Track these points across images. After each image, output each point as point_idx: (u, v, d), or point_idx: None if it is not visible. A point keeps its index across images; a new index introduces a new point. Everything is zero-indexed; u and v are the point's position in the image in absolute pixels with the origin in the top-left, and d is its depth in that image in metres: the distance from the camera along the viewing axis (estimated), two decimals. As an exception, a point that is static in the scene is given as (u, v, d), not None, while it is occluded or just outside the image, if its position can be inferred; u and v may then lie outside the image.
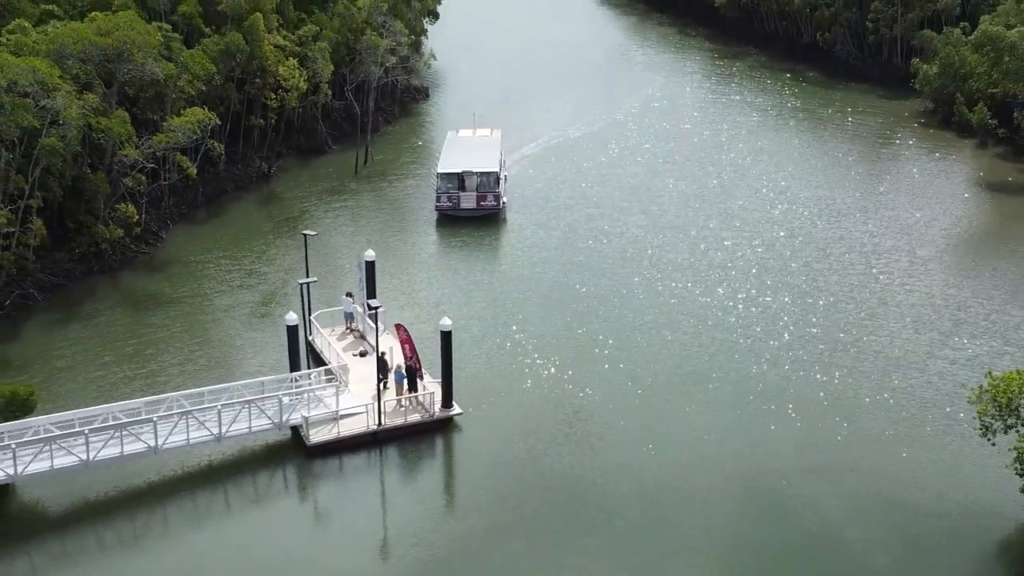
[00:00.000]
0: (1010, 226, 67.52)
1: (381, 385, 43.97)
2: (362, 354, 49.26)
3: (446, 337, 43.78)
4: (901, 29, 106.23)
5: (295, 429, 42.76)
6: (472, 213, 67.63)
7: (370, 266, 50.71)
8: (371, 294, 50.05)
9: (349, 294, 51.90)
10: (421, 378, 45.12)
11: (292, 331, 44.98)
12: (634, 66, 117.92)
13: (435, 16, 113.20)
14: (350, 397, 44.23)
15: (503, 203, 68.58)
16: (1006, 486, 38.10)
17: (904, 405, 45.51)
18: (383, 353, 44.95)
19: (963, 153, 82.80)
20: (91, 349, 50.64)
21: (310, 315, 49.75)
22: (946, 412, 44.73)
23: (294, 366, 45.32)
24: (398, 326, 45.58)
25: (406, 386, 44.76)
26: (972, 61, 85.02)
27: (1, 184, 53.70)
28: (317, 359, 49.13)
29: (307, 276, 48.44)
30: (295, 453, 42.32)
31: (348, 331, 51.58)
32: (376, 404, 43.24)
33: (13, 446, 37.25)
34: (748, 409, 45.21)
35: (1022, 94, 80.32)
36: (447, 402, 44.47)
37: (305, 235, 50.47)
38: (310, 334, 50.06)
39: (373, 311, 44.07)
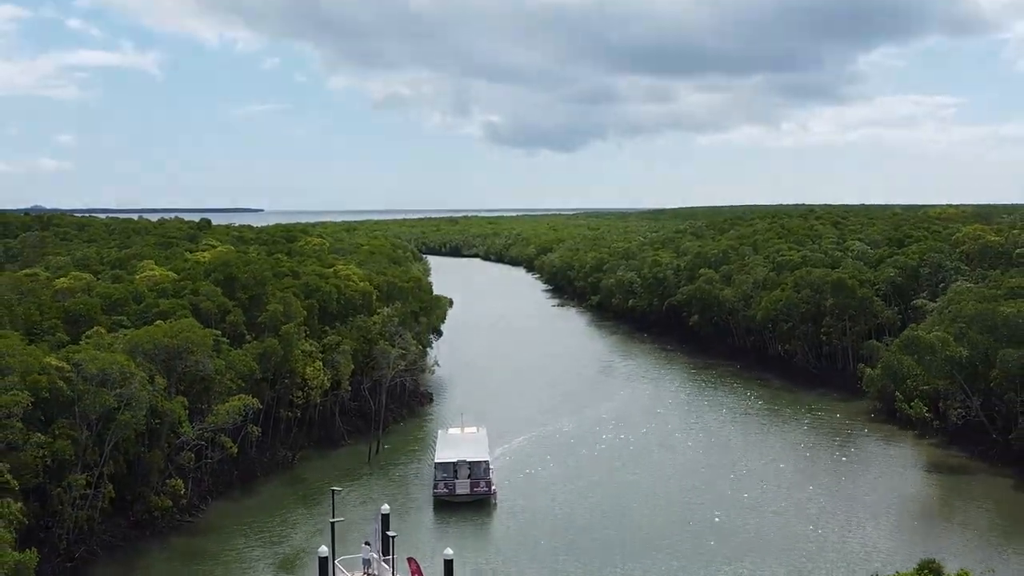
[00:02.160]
0: (936, 497, 77.92)
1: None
2: (378, 591, 58.36)
3: (448, 564, 53.39)
4: (851, 340, 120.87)
5: (323, 642, 51.54)
6: (466, 499, 77.07)
7: (385, 518, 60.69)
8: (386, 539, 59.70)
9: (367, 543, 61.45)
10: (428, 602, 54.28)
11: (323, 561, 54.66)
12: (617, 375, 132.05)
13: (439, 333, 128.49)
14: (369, 618, 53.25)
15: (493, 489, 78.38)
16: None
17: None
18: (404, 583, 54.38)
19: (903, 442, 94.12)
20: (148, 590, 59.98)
21: (335, 557, 59.01)
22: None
23: (324, 591, 54.62)
24: (410, 559, 55.20)
25: (415, 608, 53.85)
26: (907, 364, 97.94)
27: (80, 456, 64.79)
28: (340, 597, 58.14)
29: (334, 517, 58.49)
30: (323, 662, 50.96)
31: (366, 575, 60.72)
32: (390, 622, 52.23)
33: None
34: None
35: (946, 388, 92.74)
36: (449, 623, 53.41)
37: (333, 491, 61.26)
38: (333, 577, 59.19)
39: (390, 539, 53.86)
